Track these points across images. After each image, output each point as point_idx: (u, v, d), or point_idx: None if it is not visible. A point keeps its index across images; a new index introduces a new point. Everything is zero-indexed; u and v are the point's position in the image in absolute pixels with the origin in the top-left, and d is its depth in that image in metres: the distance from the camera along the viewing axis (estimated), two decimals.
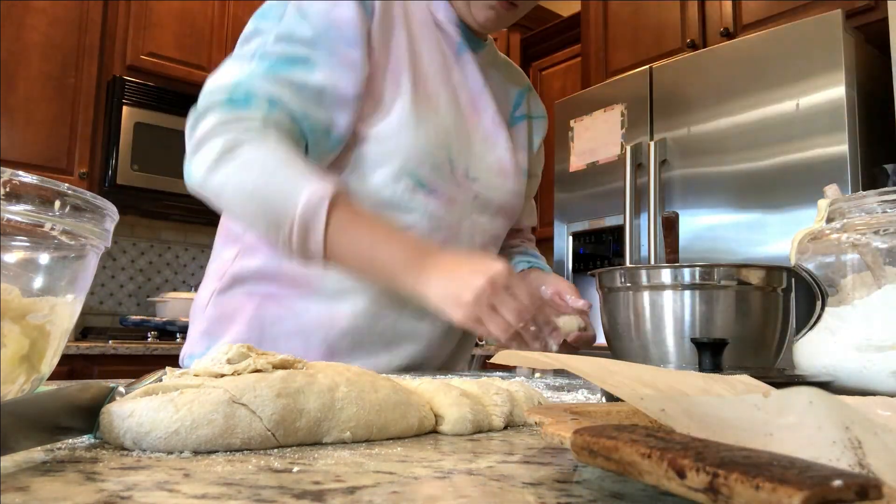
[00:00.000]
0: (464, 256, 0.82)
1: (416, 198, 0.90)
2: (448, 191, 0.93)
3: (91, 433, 0.36)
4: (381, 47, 0.89)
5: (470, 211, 0.97)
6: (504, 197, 1.01)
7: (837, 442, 0.22)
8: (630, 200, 2.29)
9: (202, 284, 0.99)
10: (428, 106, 0.91)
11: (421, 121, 0.89)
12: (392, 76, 0.90)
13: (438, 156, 0.91)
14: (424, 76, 0.93)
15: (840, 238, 0.63)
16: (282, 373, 0.38)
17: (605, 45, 2.80)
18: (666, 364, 0.67)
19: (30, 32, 2.76)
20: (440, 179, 0.92)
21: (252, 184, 0.78)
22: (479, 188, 0.97)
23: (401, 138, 0.88)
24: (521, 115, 1.11)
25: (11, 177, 0.35)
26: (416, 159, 0.89)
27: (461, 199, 0.95)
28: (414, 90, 0.90)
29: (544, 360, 0.37)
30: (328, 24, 0.85)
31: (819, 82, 1.88)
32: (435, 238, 0.92)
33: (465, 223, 0.96)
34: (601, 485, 0.28)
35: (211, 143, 0.79)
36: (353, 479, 0.29)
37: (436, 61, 0.95)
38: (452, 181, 0.93)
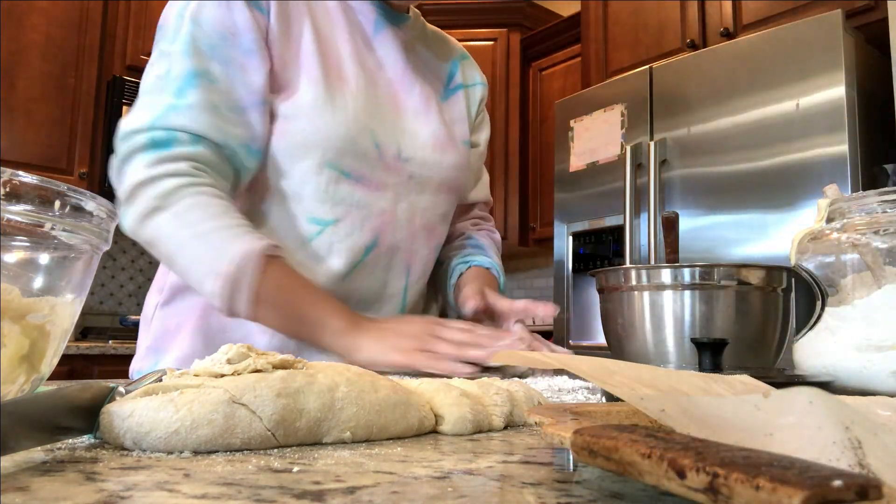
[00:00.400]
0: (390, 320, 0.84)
1: (340, 188, 0.88)
2: (376, 177, 0.91)
3: (91, 433, 0.36)
4: (282, 43, 0.87)
5: (406, 194, 0.94)
6: (444, 172, 0.99)
7: (837, 442, 0.22)
8: (630, 200, 2.29)
9: (147, 297, 0.97)
10: (343, 92, 0.88)
11: (337, 109, 0.87)
12: (299, 69, 0.87)
13: (361, 142, 0.88)
14: (337, 63, 0.90)
15: (840, 238, 0.63)
16: (282, 373, 0.38)
17: (605, 45, 2.80)
18: (666, 364, 0.67)
19: (30, 32, 2.76)
20: (366, 167, 0.90)
21: (186, 235, 0.78)
22: (413, 168, 0.95)
23: (317, 128, 0.86)
24: (456, 85, 1.09)
25: (11, 177, 0.35)
26: (336, 149, 0.86)
27: (393, 182, 0.93)
28: (325, 79, 0.87)
29: (544, 359, 0.37)
30: (223, 32, 0.83)
31: (819, 82, 1.88)
32: (368, 226, 0.91)
33: (401, 207, 0.94)
34: (601, 485, 0.28)
35: (142, 193, 0.78)
36: (353, 479, 0.29)
37: (348, 46, 0.92)
38: (381, 166, 0.91)
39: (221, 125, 0.82)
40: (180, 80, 0.81)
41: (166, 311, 0.92)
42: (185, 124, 0.80)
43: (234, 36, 0.83)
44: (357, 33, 0.95)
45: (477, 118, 1.13)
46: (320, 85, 0.87)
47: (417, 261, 0.98)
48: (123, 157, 0.81)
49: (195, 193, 0.79)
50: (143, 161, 0.79)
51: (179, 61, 0.82)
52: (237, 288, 0.76)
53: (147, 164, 0.79)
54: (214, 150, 0.82)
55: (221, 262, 0.76)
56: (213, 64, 0.82)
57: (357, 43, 0.94)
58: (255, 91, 0.84)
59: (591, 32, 2.86)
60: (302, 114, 0.86)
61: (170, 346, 0.90)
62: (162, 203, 0.78)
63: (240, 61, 0.83)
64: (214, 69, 0.82)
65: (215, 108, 0.82)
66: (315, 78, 0.87)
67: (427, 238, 0.99)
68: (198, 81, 0.81)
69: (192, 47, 0.82)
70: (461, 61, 1.12)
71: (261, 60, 0.85)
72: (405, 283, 0.97)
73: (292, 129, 0.86)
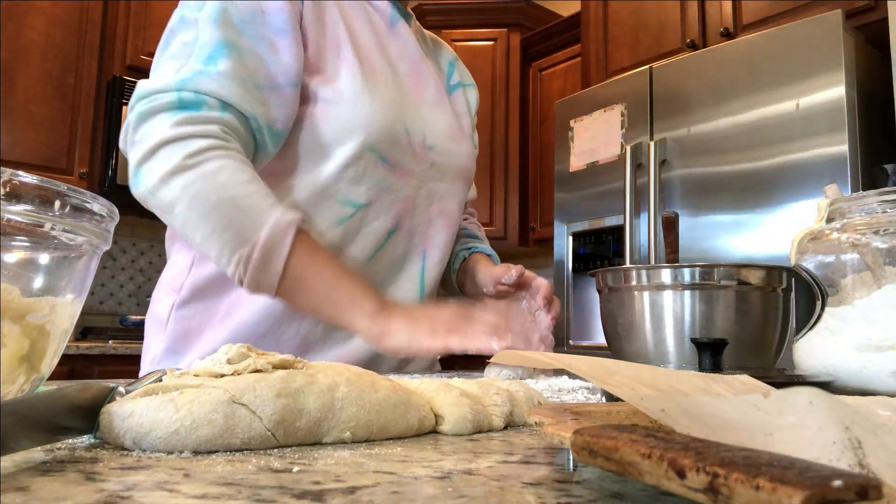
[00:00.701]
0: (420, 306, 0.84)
1: (376, 172, 0.89)
2: (406, 163, 0.93)
3: (91, 433, 0.36)
4: (317, 28, 0.88)
5: (426, 180, 0.97)
6: (460, 161, 1.02)
7: (837, 442, 0.22)
8: (630, 200, 2.29)
9: (156, 297, 0.94)
10: (375, 78, 0.90)
11: (374, 92, 0.88)
12: (334, 54, 0.88)
13: (396, 129, 0.90)
14: (365, 51, 0.92)
15: (840, 238, 0.63)
16: (282, 373, 0.38)
17: (605, 45, 2.80)
18: (666, 364, 0.67)
19: (30, 32, 2.76)
20: (399, 153, 0.91)
21: (215, 198, 0.73)
22: (435, 156, 0.97)
23: (358, 112, 0.86)
24: (455, 83, 1.13)
25: (11, 177, 0.35)
26: (377, 133, 0.88)
27: (418, 169, 0.95)
28: (359, 64, 0.89)
29: (544, 359, 0.37)
30: (254, 9, 0.82)
31: (819, 82, 1.88)
32: (393, 211, 0.92)
33: (421, 193, 0.96)
34: (601, 485, 0.28)
35: (168, 149, 0.74)
36: (353, 479, 0.29)
37: (371, 36, 0.94)
38: (410, 153, 0.93)
39: (251, 99, 0.80)
40: (210, 48, 0.78)
41: (185, 311, 0.89)
42: (214, 90, 0.77)
43: (265, 14, 0.82)
44: (377, 25, 0.97)
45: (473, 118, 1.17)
46: (357, 71, 0.88)
47: (434, 246, 0.99)
48: (143, 114, 0.77)
49: (225, 157, 0.76)
50: (170, 119, 0.75)
51: (208, 30, 0.79)
52: (268, 260, 0.73)
53: (174, 123, 0.75)
54: (242, 121, 0.80)
55: (254, 229, 0.73)
56: (244, 39, 0.81)
57: (377, 35, 0.96)
58: (284, 72, 0.83)
59: (591, 32, 2.86)
60: (343, 98, 0.86)
61: (192, 347, 0.88)
62: (190, 162, 0.74)
63: (270, 39, 0.82)
64: (244, 44, 0.81)
65: (245, 81, 0.80)
66: (352, 65, 0.88)
67: (444, 224, 1.00)
68: (228, 52, 0.79)
69: (222, 18, 0.80)
70: (455, 62, 1.16)
71: (293, 41, 0.84)
72: (422, 268, 0.98)
73: (336, 113, 0.86)
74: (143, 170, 0.76)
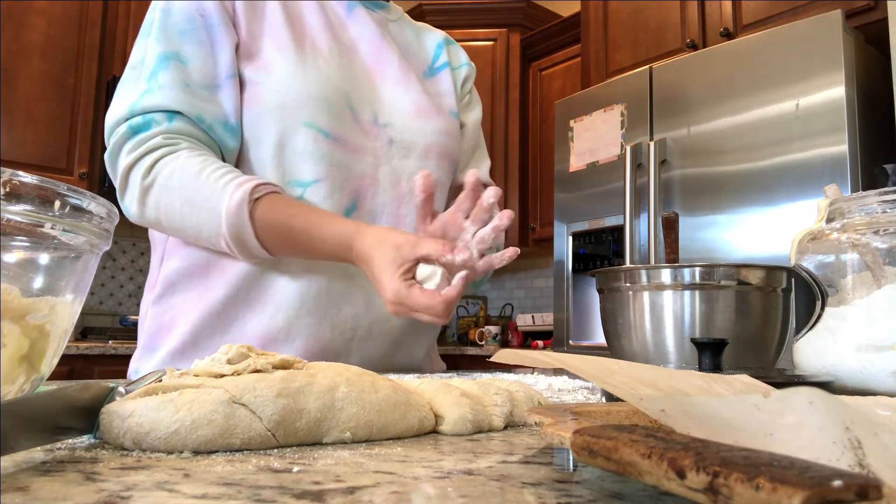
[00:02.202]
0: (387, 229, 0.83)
1: (320, 147, 0.89)
2: (353, 139, 0.92)
3: (91, 433, 0.36)
4: (249, 17, 0.90)
5: (387, 158, 0.96)
6: (430, 137, 1.00)
7: (837, 442, 0.22)
8: (630, 200, 2.29)
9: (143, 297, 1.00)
10: (315, 57, 0.91)
11: (309, 70, 0.89)
12: (270, 39, 0.90)
13: (335, 102, 0.90)
14: (309, 35, 0.94)
15: (840, 238, 0.63)
16: (282, 373, 0.38)
17: (605, 45, 2.80)
18: (666, 364, 0.67)
19: (30, 32, 2.75)
20: (342, 127, 0.91)
21: (178, 205, 0.81)
22: (393, 133, 0.96)
23: (290, 87, 0.88)
24: (441, 64, 1.12)
25: (11, 177, 0.35)
26: (312, 107, 0.88)
27: (371, 146, 0.94)
28: (297, 45, 0.91)
29: (544, 359, 0.36)
30: (192, 16, 0.87)
31: (819, 82, 1.88)
32: (348, 188, 0.92)
33: (383, 171, 0.95)
34: (601, 485, 0.28)
35: (130, 176, 0.82)
36: (353, 479, 0.29)
37: (320, 21, 0.96)
38: (357, 129, 0.93)
39: (195, 101, 0.85)
40: (152, 65, 0.84)
41: (158, 307, 0.92)
42: (158, 103, 0.83)
43: (203, 16, 0.87)
44: (328, 12, 0.98)
45: (464, 98, 1.15)
46: (290, 50, 0.90)
47: (405, 225, 0.97)
48: (112, 151, 0.84)
49: (172, 160, 0.82)
50: (127, 148, 0.83)
51: (151, 48, 0.85)
52: (242, 241, 0.80)
53: (129, 151, 0.83)
54: (191, 124, 0.85)
55: (218, 223, 0.80)
56: (185, 46, 0.86)
57: (329, 19, 0.97)
58: (225, 67, 0.87)
59: (591, 32, 2.86)
60: (273, 77, 0.88)
61: (164, 342, 0.90)
62: (147, 181, 0.82)
63: (210, 40, 0.87)
64: (186, 51, 0.86)
65: (187, 86, 0.84)
66: (285, 45, 0.90)
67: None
68: (168, 63, 0.84)
69: (162, 34, 0.86)
70: (446, 45, 1.15)
71: (227, 35, 0.88)
72: None
73: (264, 93, 0.88)
74: (124, 202, 0.84)
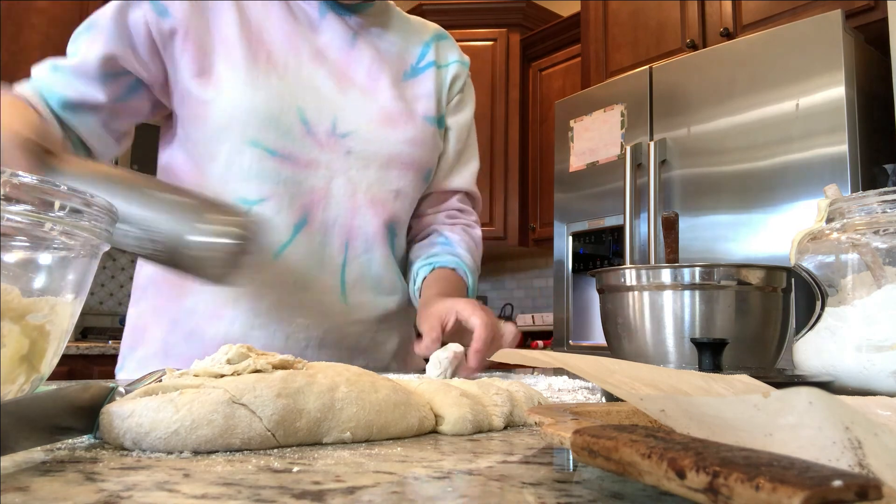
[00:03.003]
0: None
1: (265, 166, 0.88)
2: (306, 154, 0.90)
3: (91, 433, 0.36)
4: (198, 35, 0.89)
5: (344, 170, 0.93)
6: (393, 147, 0.96)
7: (837, 442, 0.22)
8: (630, 200, 2.29)
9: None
10: (267, 72, 0.89)
11: (258, 87, 0.88)
12: (219, 54, 0.89)
13: (285, 118, 0.89)
14: (267, 47, 0.91)
15: (840, 238, 0.63)
16: (282, 373, 0.38)
17: (605, 45, 2.80)
18: (666, 364, 0.67)
19: (30, 32, 2.76)
20: (292, 144, 0.89)
21: None
22: (353, 143, 0.94)
23: (236, 105, 0.87)
24: (426, 64, 1.07)
25: (11, 177, 0.35)
26: (257, 126, 0.87)
27: (326, 159, 0.92)
28: (249, 61, 0.89)
29: (544, 359, 0.37)
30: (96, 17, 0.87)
31: (819, 82, 1.88)
32: (297, 203, 0.90)
33: (337, 183, 0.93)
34: (601, 485, 0.28)
35: None
36: (353, 479, 0.29)
37: (283, 30, 0.94)
38: (311, 143, 0.91)
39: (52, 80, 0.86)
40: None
41: (134, 312, 0.95)
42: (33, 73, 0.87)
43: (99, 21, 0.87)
44: (297, 19, 0.96)
45: (453, 98, 1.09)
46: (241, 68, 0.88)
47: (359, 236, 0.95)
48: None
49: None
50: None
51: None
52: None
53: None
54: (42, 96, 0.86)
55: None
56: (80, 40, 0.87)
57: (295, 27, 0.95)
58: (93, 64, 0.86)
59: (591, 32, 2.86)
60: (222, 97, 0.87)
61: (138, 345, 0.92)
62: None
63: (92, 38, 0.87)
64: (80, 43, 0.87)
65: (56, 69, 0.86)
66: (236, 62, 0.88)
67: (374, 213, 0.96)
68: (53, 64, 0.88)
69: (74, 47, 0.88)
70: (436, 42, 1.10)
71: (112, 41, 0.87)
72: (343, 259, 0.94)
73: (211, 111, 0.87)
74: None
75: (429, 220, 1.10)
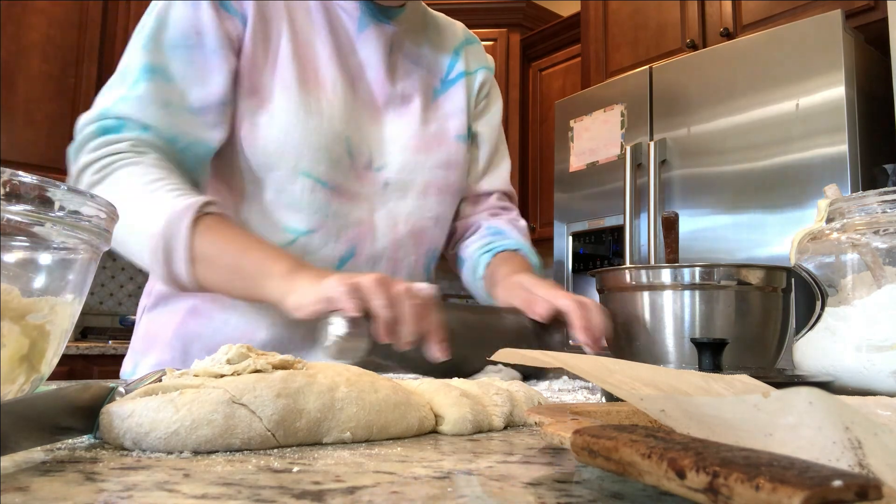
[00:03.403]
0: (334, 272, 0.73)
1: (316, 197, 0.86)
2: (350, 186, 0.89)
3: (91, 433, 0.36)
4: (258, 46, 0.85)
5: (383, 202, 0.92)
6: (429, 173, 0.94)
7: (837, 442, 0.22)
8: (630, 200, 2.29)
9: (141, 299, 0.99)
10: (318, 97, 0.86)
11: (311, 115, 0.85)
12: (274, 74, 0.86)
13: (335, 150, 0.86)
14: (315, 66, 0.88)
15: (840, 238, 0.63)
16: (282, 373, 0.38)
17: (605, 45, 2.80)
18: (666, 364, 0.67)
19: (30, 32, 2.75)
20: (341, 175, 0.87)
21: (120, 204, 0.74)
22: (389, 175, 0.92)
23: (290, 135, 0.84)
24: (456, 75, 1.03)
25: (11, 177, 0.35)
26: (310, 157, 0.85)
27: (367, 192, 0.90)
28: (300, 84, 0.85)
29: (544, 358, 0.37)
30: (187, 32, 0.82)
31: (819, 82, 1.88)
32: (344, 237, 0.88)
33: (380, 216, 0.91)
34: (601, 485, 0.28)
35: (85, 173, 0.79)
36: (353, 479, 0.29)
37: (328, 47, 0.89)
38: (353, 175, 0.89)
39: (172, 120, 0.81)
40: (135, 73, 0.81)
41: (150, 317, 0.93)
42: (131, 113, 0.80)
43: (200, 35, 0.82)
44: (338, 33, 0.92)
45: (480, 104, 1.07)
46: (294, 91, 0.85)
47: (402, 269, 0.94)
48: (76, 146, 0.82)
49: (132, 164, 0.77)
50: (91, 146, 0.80)
51: (137, 56, 0.82)
52: (171, 247, 0.72)
53: (93, 149, 0.80)
54: (164, 140, 0.81)
55: (153, 223, 0.72)
56: (173, 63, 0.82)
57: (338, 44, 0.91)
58: (216, 93, 0.83)
59: (591, 32, 2.86)
60: (275, 122, 0.84)
61: (150, 351, 0.91)
62: (96, 177, 0.78)
63: (200, 63, 0.82)
64: (174, 68, 0.82)
65: (167, 104, 0.81)
66: (289, 84, 0.85)
67: (415, 244, 0.95)
68: (150, 76, 0.80)
69: (152, 43, 0.82)
70: (465, 48, 1.06)
71: (223, 61, 0.83)
72: None
73: (266, 137, 0.84)
74: None
75: (472, 220, 1.08)
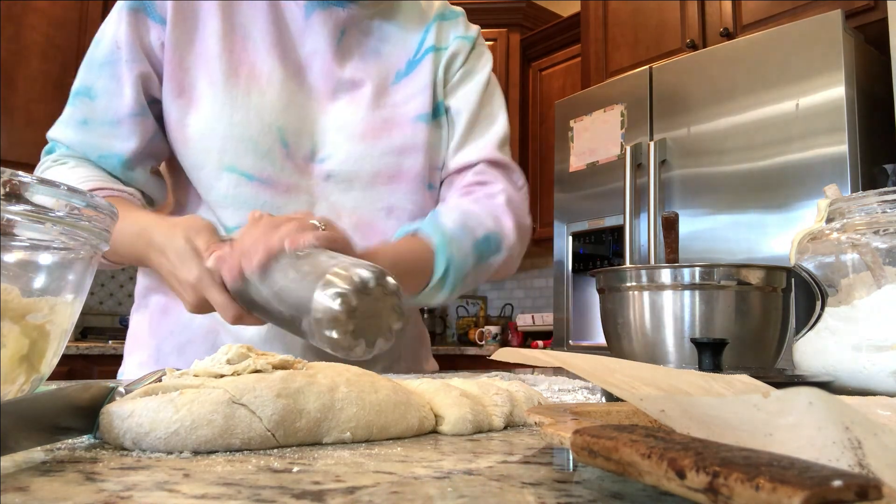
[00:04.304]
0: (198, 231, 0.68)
1: (241, 192, 0.83)
2: (285, 179, 0.85)
3: (91, 433, 0.36)
4: (182, 47, 0.84)
5: (325, 195, 0.88)
6: (377, 161, 0.89)
7: (837, 442, 0.22)
8: (630, 200, 2.29)
9: None
10: (248, 90, 0.84)
11: (237, 108, 0.83)
12: (203, 73, 0.84)
13: (264, 142, 0.84)
14: (251, 60, 0.86)
15: (840, 238, 0.63)
16: (282, 373, 0.38)
17: (605, 45, 2.80)
18: (666, 364, 0.67)
19: (30, 32, 2.76)
20: (272, 168, 0.84)
21: None
22: (332, 166, 0.87)
23: (213, 129, 0.83)
24: (424, 51, 0.97)
25: (11, 177, 0.35)
26: (233, 150, 0.83)
27: (306, 185, 0.87)
28: (227, 78, 0.84)
29: (544, 357, 0.37)
30: (112, 47, 0.84)
31: (819, 82, 1.88)
32: None
33: (320, 208, 0.87)
34: (601, 485, 0.28)
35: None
36: (353, 479, 0.29)
37: (268, 39, 0.87)
38: (290, 167, 0.85)
39: (85, 137, 0.84)
40: (69, 98, 0.86)
41: (134, 318, 0.95)
42: (56, 136, 0.86)
43: (120, 49, 0.84)
44: (281, 24, 0.89)
45: (453, 77, 0.99)
46: (220, 87, 0.84)
47: None
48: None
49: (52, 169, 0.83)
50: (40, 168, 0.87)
51: (76, 79, 0.87)
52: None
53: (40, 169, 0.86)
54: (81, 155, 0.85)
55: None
56: (99, 80, 0.84)
57: (280, 35, 0.88)
58: (128, 104, 0.84)
59: (591, 32, 2.86)
60: (199, 119, 0.83)
61: (134, 352, 0.92)
62: None
63: (118, 76, 0.84)
64: (99, 85, 0.84)
65: (85, 122, 0.84)
66: (215, 80, 0.84)
67: (362, 238, 0.85)
68: (75, 98, 0.85)
69: (86, 64, 0.86)
70: (438, 23, 0.99)
71: (135, 69, 0.84)
72: None
73: (192, 135, 0.84)
74: None
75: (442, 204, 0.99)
